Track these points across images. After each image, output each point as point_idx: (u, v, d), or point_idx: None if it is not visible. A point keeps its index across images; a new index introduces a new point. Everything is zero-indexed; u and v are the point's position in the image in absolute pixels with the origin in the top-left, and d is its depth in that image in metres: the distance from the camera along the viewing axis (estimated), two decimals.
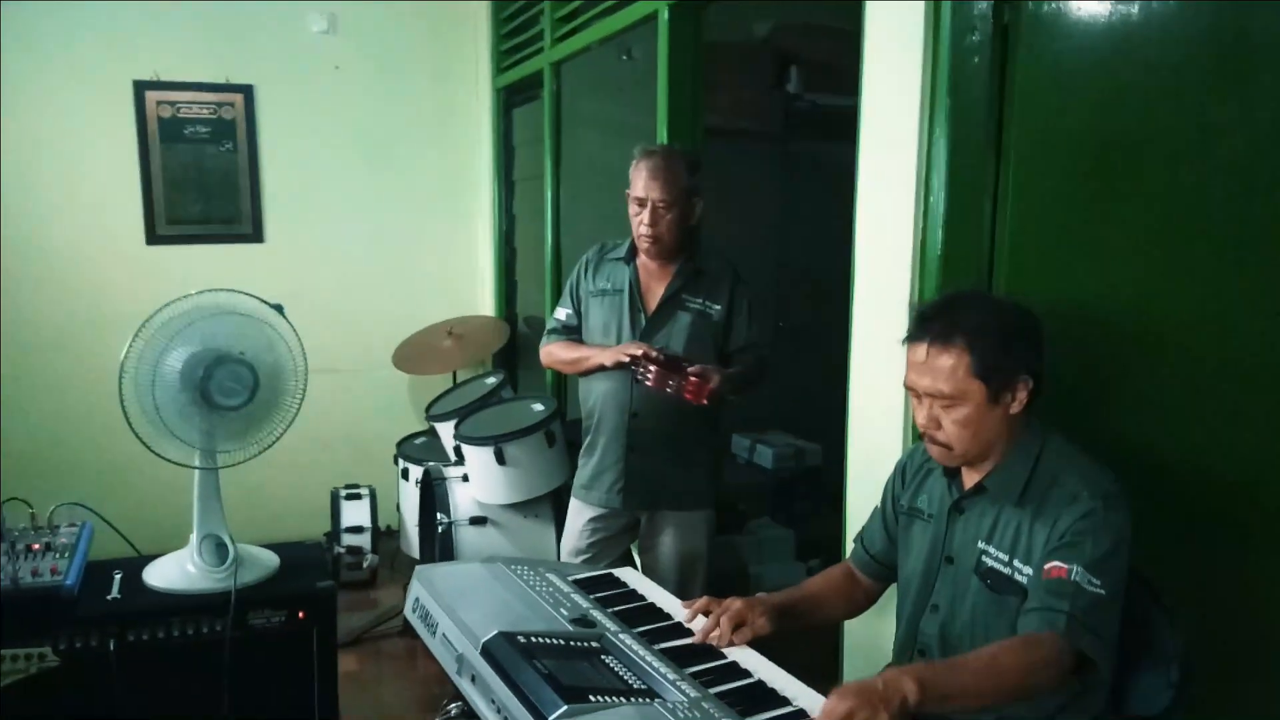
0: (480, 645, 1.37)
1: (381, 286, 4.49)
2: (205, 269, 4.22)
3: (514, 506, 3.18)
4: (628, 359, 2.30)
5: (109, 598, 1.89)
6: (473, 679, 1.37)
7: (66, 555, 1.91)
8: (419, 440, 3.94)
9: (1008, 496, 1.52)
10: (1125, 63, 1.56)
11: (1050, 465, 1.51)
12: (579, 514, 2.62)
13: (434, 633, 1.53)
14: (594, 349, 2.49)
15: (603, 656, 1.40)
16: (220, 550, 2.01)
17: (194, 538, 2.02)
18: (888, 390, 1.83)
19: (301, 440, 4.35)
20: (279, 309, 2.01)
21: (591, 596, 1.66)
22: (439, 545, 3.24)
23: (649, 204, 2.40)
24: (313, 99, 4.32)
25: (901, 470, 1.73)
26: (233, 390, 1.93)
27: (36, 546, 1.93)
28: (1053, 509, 1.45)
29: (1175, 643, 1.48)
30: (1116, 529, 1.40)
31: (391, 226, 4.49)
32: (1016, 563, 1.48)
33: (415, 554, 3.69)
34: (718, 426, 2.64)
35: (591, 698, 1.23)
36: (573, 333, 2.60)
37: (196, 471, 2.03)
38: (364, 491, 4.05)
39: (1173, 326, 1.56)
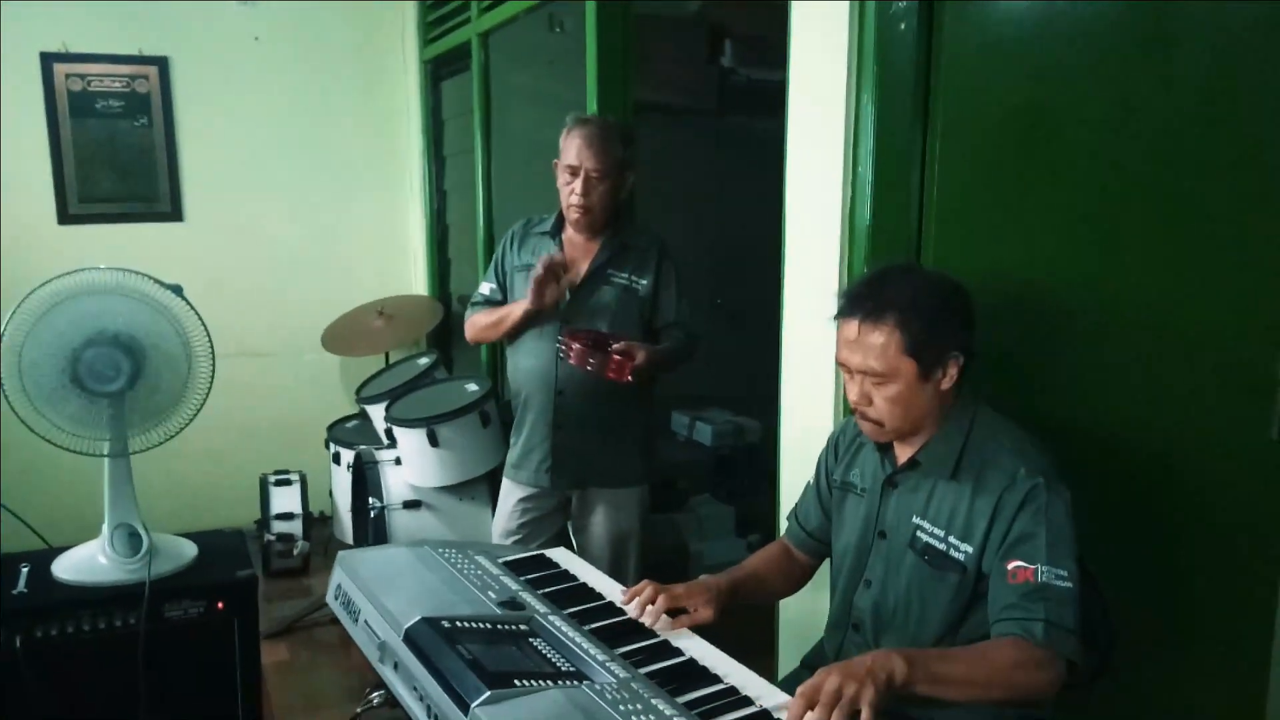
0: (403, 632, 1.33)
1: (309, 266, 4.37)
2: (123, 249, 4.05)
3: (449, 489, 3.13)
4: (541, 271, 2.27)
5: (14, 592, 1.80)
6: (395, 666, 1.33)
7: None
8: (350, 424, 3.85)
9: (940, 471, 1.51)
10: (1051, 33, 1.55)
11: (982, 438, 1.50)
12: (509, 494, 2.58)
13: (356, 620, 1.49)
14: (511, 305, 2.45)
15: (531, 639, 1.36)
16: (134, 540, 1.92)
17: (105, 528, 1.93)
18: (819, 365, 1.82)
19: (228, 426, 4.30)
20: (177, 290, 1.91)
21: (521, 578, 1.62)
22: (372, 530, 3.17)
23: (581, 173, 2.36)
24: (232, 72, 4.16)
25: (834, 444, 1.72)
26: (105, 375, 1.82)
27: None
28: (992, 487, 1.44)
29: (1102, 613, 1.49)
30: (1063, 505, 1.40)
31: (318, 204, 4.36)
32: (953, 539, 1.48)
33: (349, 540, 3.61)
34: (650, 402, 2.61)
35: (517, 682, 1.19)
36: (495, 307, 2.55)
37: (106, 460, 1.93)
38: (294, 477, 3.95)
39: (1099, 299, 1.57)
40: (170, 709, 1.84)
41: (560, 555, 1.81)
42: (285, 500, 3.90)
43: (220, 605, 1.90)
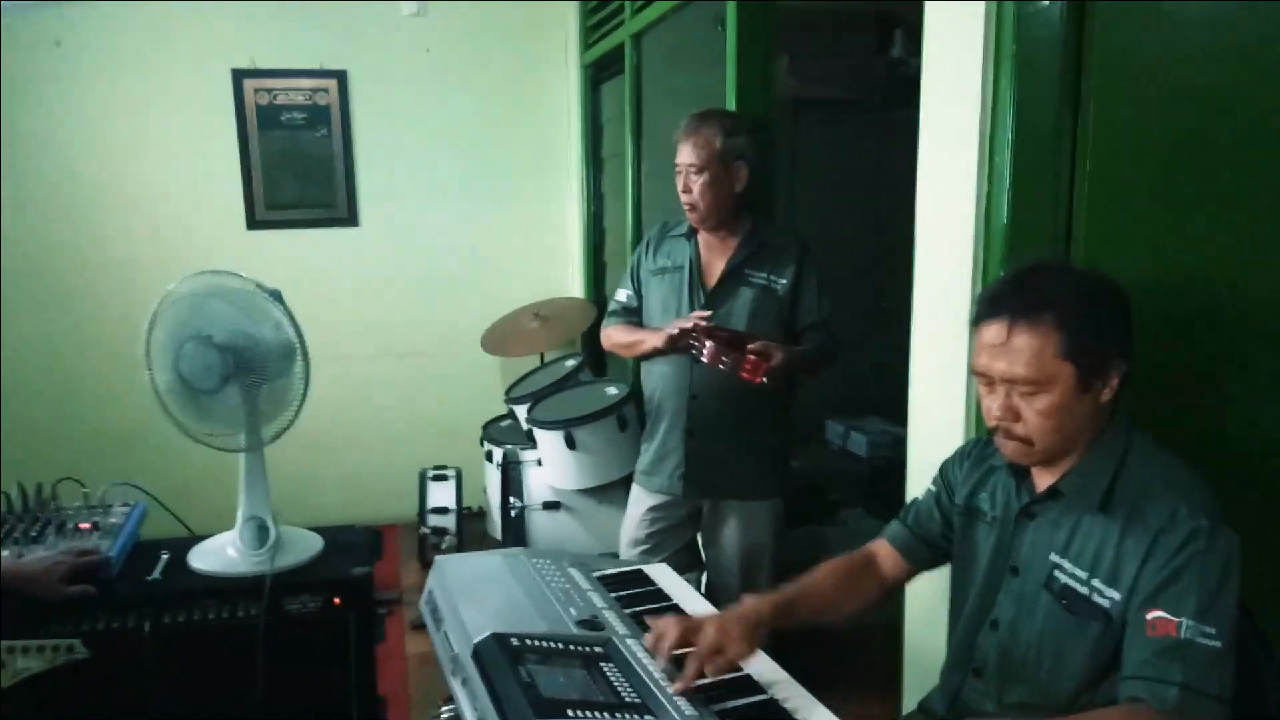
0: (472, 647, 1.28)
1: (471, 269, 4.49)
2: (303, 253, 4.32)
3: (586, 492, 3.11)
4: (677, 331, 2.17)
5: (149, 579, 1.90)
6: (463, 682, 1.28)
7: (111, 536, 1.93)
8: (504, 423, 3.91)
9: (1086, 503, 1.31)
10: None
11: (1137, 470, 1.29)
12: (639, 502, 2.51)
13: (439, 628, 1.46)
14: (647, 332, 2.38)
15: (602, 664, 1.28)
16: (261, 533, 1.99)
17: (238, 520, 2.01)
18: (949, 376, 1.64)
19: (395, 420, 4.50)
20: (276, 295, 1.95)
21: (611, 596, 1.55)
22: (513, 529, 3.20)
23: (682, 169, 2.31)
24: (404, 82, 4.33)
25: (961, 459, 1.53)
26: (202, 374, 1.88)
27: (85, 526, 1.96)
28: (1147, 527, 1.23)
29: (1274, 670, 1.25)
30: (1225, 555, 1.18)
31: (482, 208, 4.48)
32: (1097, 582, 1.27)
33: (499, 536, 3.67)
34: (788, 411, 2.47)
35: (570, 712, 1.11)
36: (633, 314, 2.49)
37: (241, 455, 2.01)
38: (450, 473, 4.05)
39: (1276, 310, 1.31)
40: (287, 701, 1.89)
41: (659, 573, 1.72)
42: (442, 495, 4.01)
43: (337, 601, 1.93)
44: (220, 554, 1.98)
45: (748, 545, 2.38)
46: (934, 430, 1.75)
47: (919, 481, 1.80)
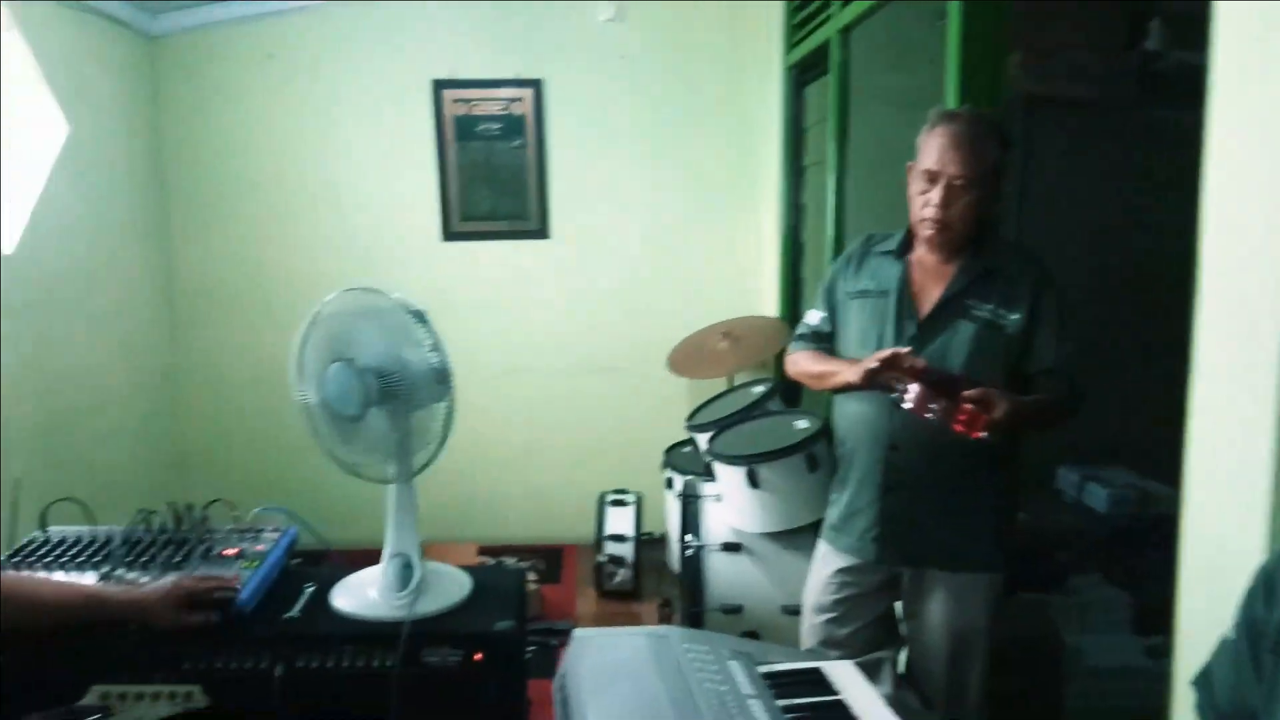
0: None
1: (661, 283, 4.29)
2: (494, 265, 4.28)
3: (771, 536, 2.79)
4: (877, 365, 1.82)
5: (285, 616, 1.77)
6: None
7: (254, 565, 1.82)
8: (686, 449, 3.66)
9: None
10: None
11: None
12: (826, 561, 2.18)
13: None
14: (841, 364, 2.04)
15: None
16: (406, 572, 1.83)
17: (384, 556, 1.86)
18: (1251, 423, 1.22)
19: (579, 438, 4.35)
20: (419, 315, 1.77)
21: (779, 704, 1.24)
22: (690, 569, 2.94)
23: (942, 179, 1.91)
24: (598, 90, 4.20)
25: (1270, 586, 1.09)
26: (345, 399, 1.72)
27: (230, 552, 1.86)
28: None
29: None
30: None
31: (674, 220, 4.28)
32: None
33: (676, 569, 3.43)
34: (1012, 468, 2.07)
35: None
36: (824, 341, 2.16)
37: (392, 485, 1.86)
38: (629, 498, 3.87)
39: None
40: None
41: (843, 676, 1.39)
42: (620, 521, 3.82)
43: (478, 656, 1.73)
44: (360, 594, 1.83)
45: (957, 626, 1.99)
46: (1222, 497, 1.33)
47: (1198, 546, 1.40)
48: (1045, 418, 1.88)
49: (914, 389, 1.76)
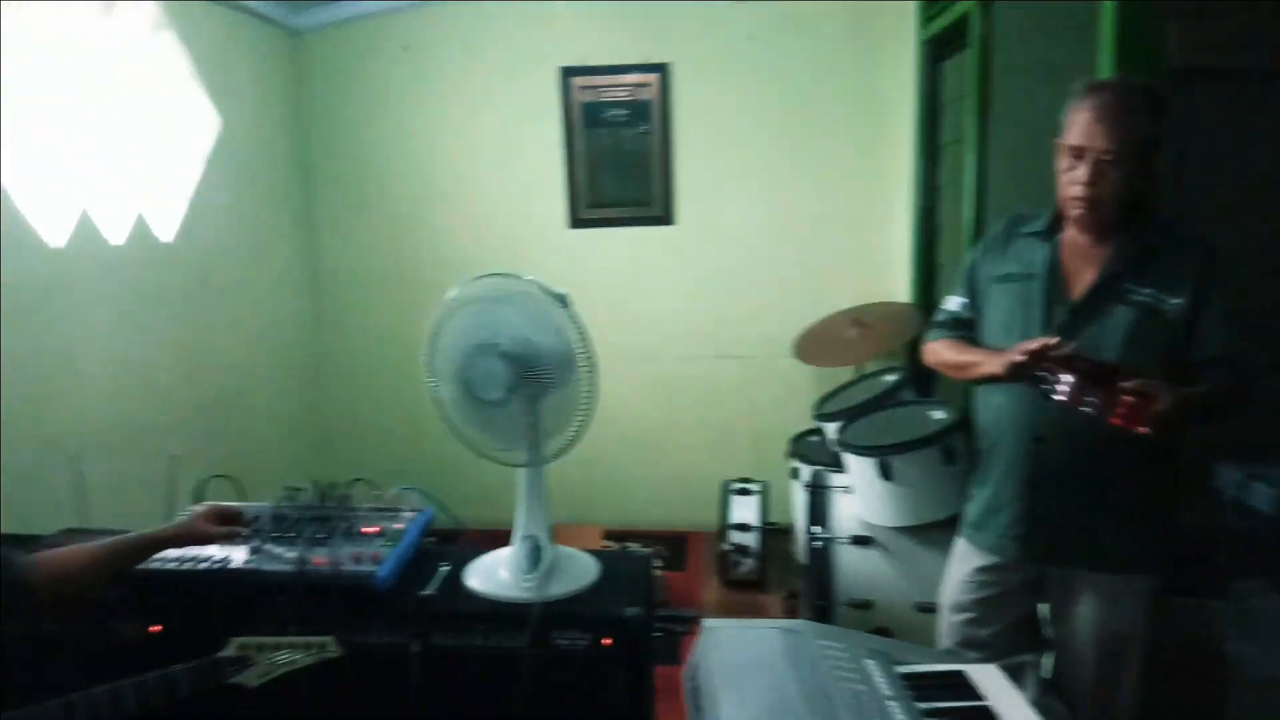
0: None
1: (787, 269, 4.20)
2: (619, 252, 4.29)
3: (903, 530, 2.71)
4: (1024, 357, 1.72)
5: (423, 594, 1.82)
6: None
7: (392, 544, 1.87)
8: (813, 438, 3.58)
9: None
10: None
11: None
12: (965, 559, 2.09)
13: (699, 715, 1.18)
14: (984, 353, 1.93)
15: None
16: (535, 555, 1.85)
17: (514, 538, 1.88)
18: None
19: (704, 426, 4.33)
20: (562, 299, 1.77)
21: (920, 708, 1.19)
22: (817, 562, 2.88)
23: (1089, 155, 1.79)
24: (725, 73, 4.14)
25: None
26: (487, 384, 1.73)
27: (371, 530, 1.93)
28: None
29: None
30: None
31: (802, 203, 4.17)
32: None
33: (803, 561, 3.37)
34: (1172, 463, 1.93)
35: None
36: (964, 328, 2.06)
37: (522, 470, 1.88)
38: (755, 488, 3.82)
39: None
40: None
41: (988, 679, 1.32)
42: (744, 510, 3.78)
43: (606, 641, 1.74)
44: (492, 575, 1.86)
45: (1108, 632, 1.88)
46: None
47: None
48: (1212, 411, 1.74)
49: (1067, 380, 1.65)
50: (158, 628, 1.78)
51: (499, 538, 1.96)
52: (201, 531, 1.75)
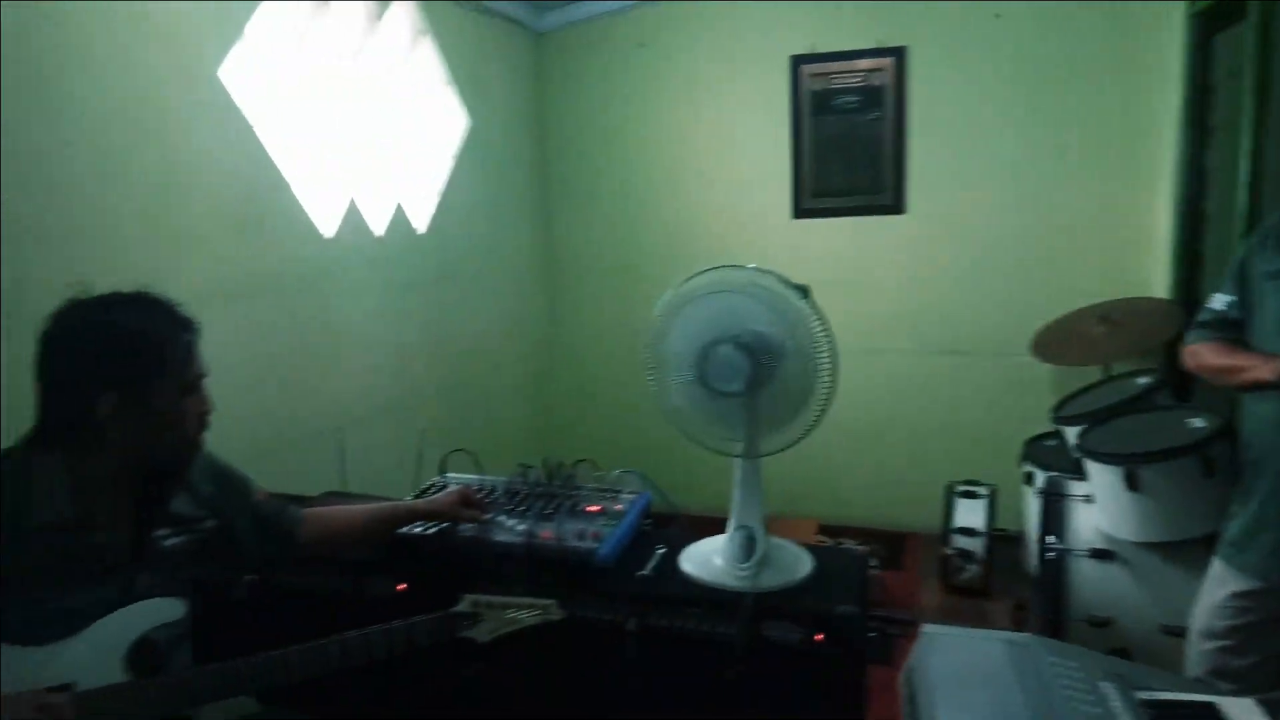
0: None
1: (1025, 261, 3.96)
2: (844, 243, 4.21)
3: (1150, 546, 2.49)
4: None
5: (639, 574, 1.88)
6: None
7: (613, 523, 1.95)
8: (1049, 442, 3.37)
9: None
10: None
11: None
12: (1222, 582, 1.90)
13: None
14: (1254, 358, 1.74)
15: None
16: (748, 545, 1.86)
17: (729, 527, 1.90)
18: None
19: (927, 422, 4.18)
20: (804, 291, 1.75)
21: None
22: (1050, 575, 2.71)
23: None
24: (967, 54, 3.94)
25: None
26: (726, 375, 1.74)
27: (593, 509, 2.01)
28: None
29: None
30: None
31: (1042, 192, 3.91)
32: None
33: (1033, 573, 3.18)
34: None
35: None
36: (1231, 329, 1.87)
37: (738, 460, 1.90)
38: (982, 491, 3.63)
39: None
40: None
41: (1244, 715, 1.19)
42: (969, 514, 3.61)
43: (819, 637, 1.72)
44: (708, 562, 1.89)
45: None
46: None
47: None
48: None
49: None
50: (403, 586, 1.94)
51: (711, 524, 1.99)
52: (453, 511, 1.94)
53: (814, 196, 4.23)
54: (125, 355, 1.47)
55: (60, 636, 1.46)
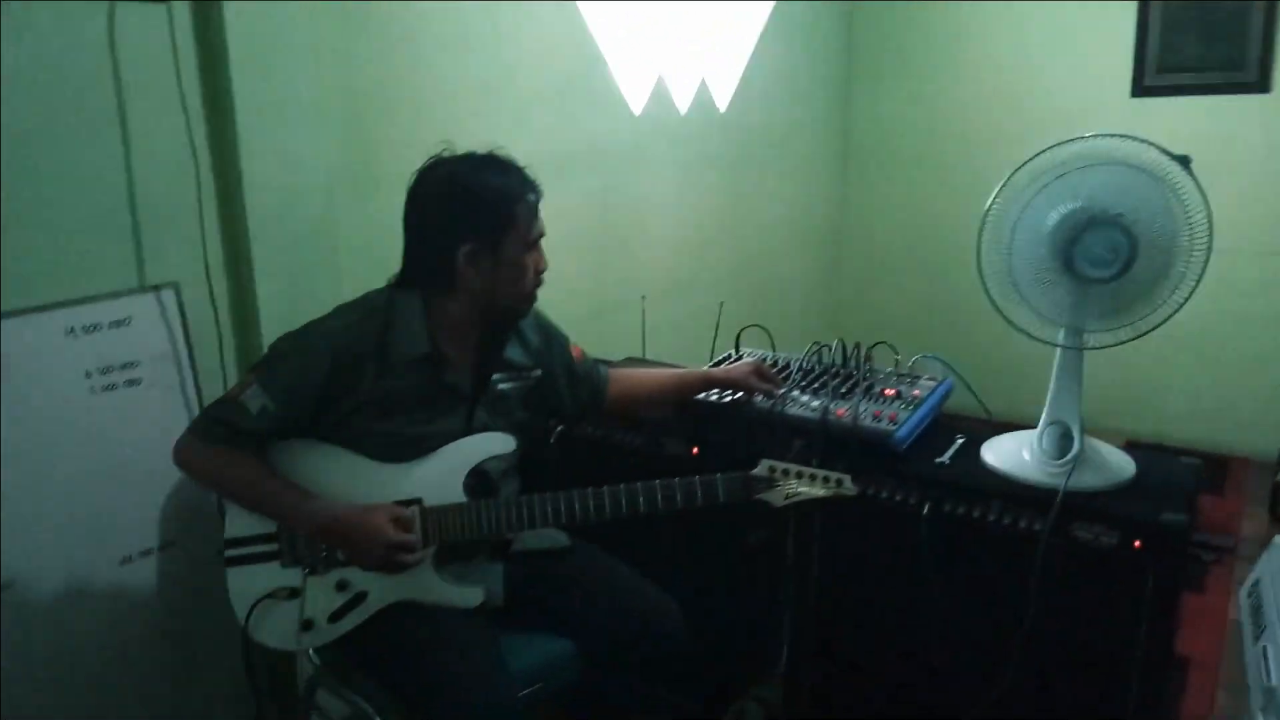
0: None
1: None
2: (1192, 126, 3.71)
3: None
4: None
5: (937, 461, 1.83)
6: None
7: (910, 408, 1.90)
8: None
9: None
10: None
11: None
12: None
13: (1257, 637, 1.07)
14: None
15: None
16: (1064, 442, 1.75)
17: (1041, 422, 1.80)
18: None
19: (1270, 336, 3.67)
20: (1184, 161, 1.56)
21: None
22: None
23: None
24: None
25: None
26: (1102, 259, 1.60)
27: (889, 392, 1.97)
28: None
29: None
30: None
31: None
32: None
33: None
34: None
35: None
36: None
37: (1059, 350, 1.77)
38: None
39: None
40: (1061, 624, 1.67)
41: None
42: None
43: (1137, 544, 1.60)
44: (1015, 455, 1.81)
45: None
46: None
47: None
48: None
49: None
50: (696, 450, 2.03)
51: (1008, 428, 1.89)
52: (746, 381, 1.99)
53: (1159, 72, 3.74)
54: (482, 209, 1.61)
55: (412, 457, 1.67)
